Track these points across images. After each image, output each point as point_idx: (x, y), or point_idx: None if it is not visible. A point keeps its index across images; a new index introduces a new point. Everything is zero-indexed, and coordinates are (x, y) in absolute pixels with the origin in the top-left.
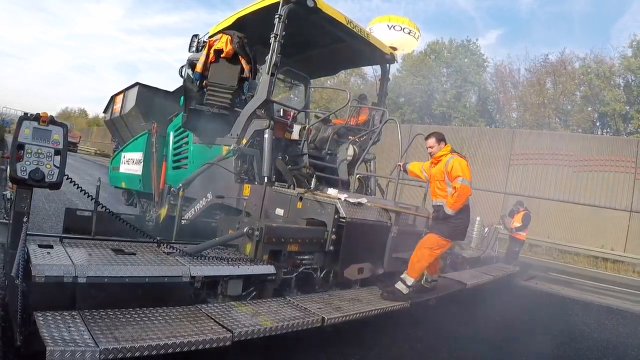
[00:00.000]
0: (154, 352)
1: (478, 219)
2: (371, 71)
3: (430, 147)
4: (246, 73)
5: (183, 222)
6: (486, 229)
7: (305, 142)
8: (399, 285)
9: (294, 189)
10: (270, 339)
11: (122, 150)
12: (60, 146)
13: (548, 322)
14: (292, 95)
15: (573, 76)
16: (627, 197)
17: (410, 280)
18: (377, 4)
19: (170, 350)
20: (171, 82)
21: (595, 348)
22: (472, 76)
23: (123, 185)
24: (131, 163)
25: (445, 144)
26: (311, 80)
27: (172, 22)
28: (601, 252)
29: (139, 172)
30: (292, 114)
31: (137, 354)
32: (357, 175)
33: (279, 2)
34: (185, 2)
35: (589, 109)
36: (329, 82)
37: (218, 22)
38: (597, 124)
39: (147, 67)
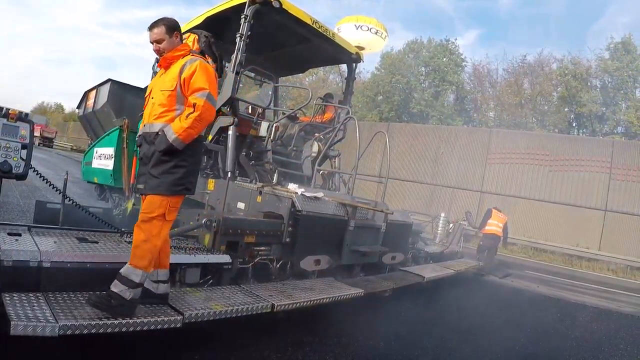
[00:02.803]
0: (108, 330)
1: (443, 214)
2: None
3: (156, 40)
4: None
5: None
6: (451, 225)
7: (270, 138)
8: (116, 287)
9: (255, 183)
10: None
11: (94, 146)
12: (27, 141)
13: (522, 318)
14: (270, 92)
15: (550, 77)
16: (601, 197)
17: (136, 274)
18: (357, 2)
19: (124, 329)
20: (148, 77)
21: (569, 345)
22: (450, 75)
23: (95, 180)
24: (103, 158)
25: (183, 39)
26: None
27: (151, 17)
28: (576, 250)
29: (110, 167)
30: (259, 111)
31: (92, 331)
32: (321, 171)
33: (245, 2)
34: None
35: (566, 109)
36: (307, 80)
37: (189, 20)
38: (574, 124)
39: (125, 62)
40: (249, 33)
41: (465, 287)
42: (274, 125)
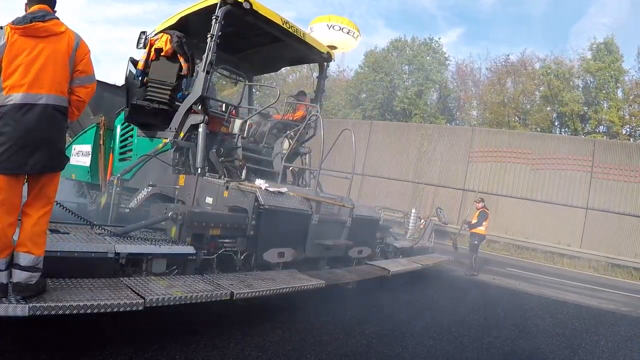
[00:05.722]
0: (74, 312)
1: (413, 210)
2: (334, 67)
3: None
4: (184, 71)
5: (126, 210)
6: (422, 221)
7: (240, 135)
8: None
9: (223, 179)
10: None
11: (72, 143)
12: None
13: (504, 316)
14: (254, 90)
15: (533, 76)
16: (583, 195)
17: None
18: (340, 0)
19: (89, 311)
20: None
21: (550, 342)
22: (433, 74)
23: (73, 177)
24: (81, 155)
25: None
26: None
27: (134, 13)
28: (558, 248)
29: (87, 164)
30: (231, 109)
31: (60, 312)
32: (290, 168)
33: (217, 3)
34: None
35: (548, 108)
36: (290, 77)
37: (163, 20)
38: (556, 123)
39: (108, 58)
40: (220, 33)
41: (445, 285)
42: (247, 122)
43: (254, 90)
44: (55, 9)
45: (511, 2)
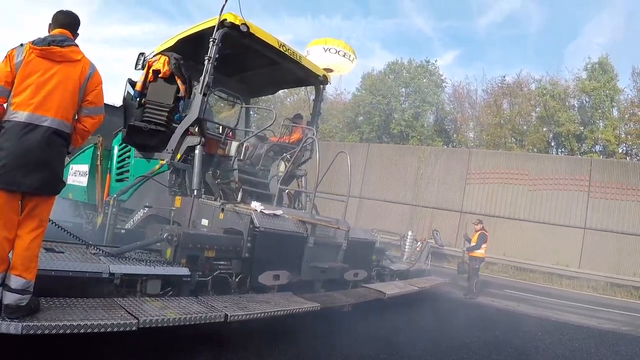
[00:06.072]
0: (68, 331)
1: (410, 233)
2: (331, 90)
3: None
4: (182, 92)
5: (122, 231)
6: (419, 243)
7: (236, 157)
8: None
9: (219, 201)
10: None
11: (70, 162)
12: None
13: (503, 337)
14: (252, 112)
15: (529, 97)
16: (581, 215)
17: None
18: (337, 22)
19: (82, 331)
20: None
21: None
22: (430, 96)
23: (70, 196)
24: (78, 175)
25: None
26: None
27: (132, 34)
28: (556, 268)
29: (84, 184)
30: (228, 131)
31: (53, 332)
32: (286, 190)
33: (214, 26)
34: (145, 14)
35: (544, 129)
36: (288, 100)
37: (161, 42)
38: (552, 144)
39: (106, 78)
40: (217, 56)
41: (444, 308)
42: (244, 144)
43: (251, 112)
44: (77, 34)
45: (506, 24)
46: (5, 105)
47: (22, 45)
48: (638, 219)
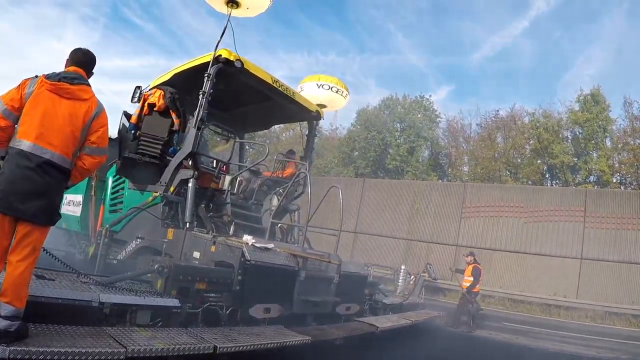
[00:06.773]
0: (55, 358)
1: (403, 267)
2: (327, 125)
3: None
4: (176, 126)
5: (114, 261)
6: (412, 277)
7: (229, 191)
8: None
9: (211, 234)
10: None
11: (64, 192)
12: None
13: None
14: (246, 147)
15: (523, 130)
16: (577, 245)
17: None
18: (332, 58)
19: (69, 358)
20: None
21: None
22: (425, 131)
23: (64, 225)
24: (72, 205)
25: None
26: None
27: (132, 66)
28: (554, 299)
29: (78, 214)
30: (222, 165)
31: (40, 357)
32: (279, 224)
33: (209, 62)
34: (144, 47)
35: (538, 161)
36: (284, 135)
37: (158, 76)
38: (547, 175)
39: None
40: (211, 91)
41: (443, 341)
42: (238, 179)
43: (246, 147)
44: (92, 72)
45: (498, 58)
46: (8, 127)
47: (36, 76)
48: (634, 247)
